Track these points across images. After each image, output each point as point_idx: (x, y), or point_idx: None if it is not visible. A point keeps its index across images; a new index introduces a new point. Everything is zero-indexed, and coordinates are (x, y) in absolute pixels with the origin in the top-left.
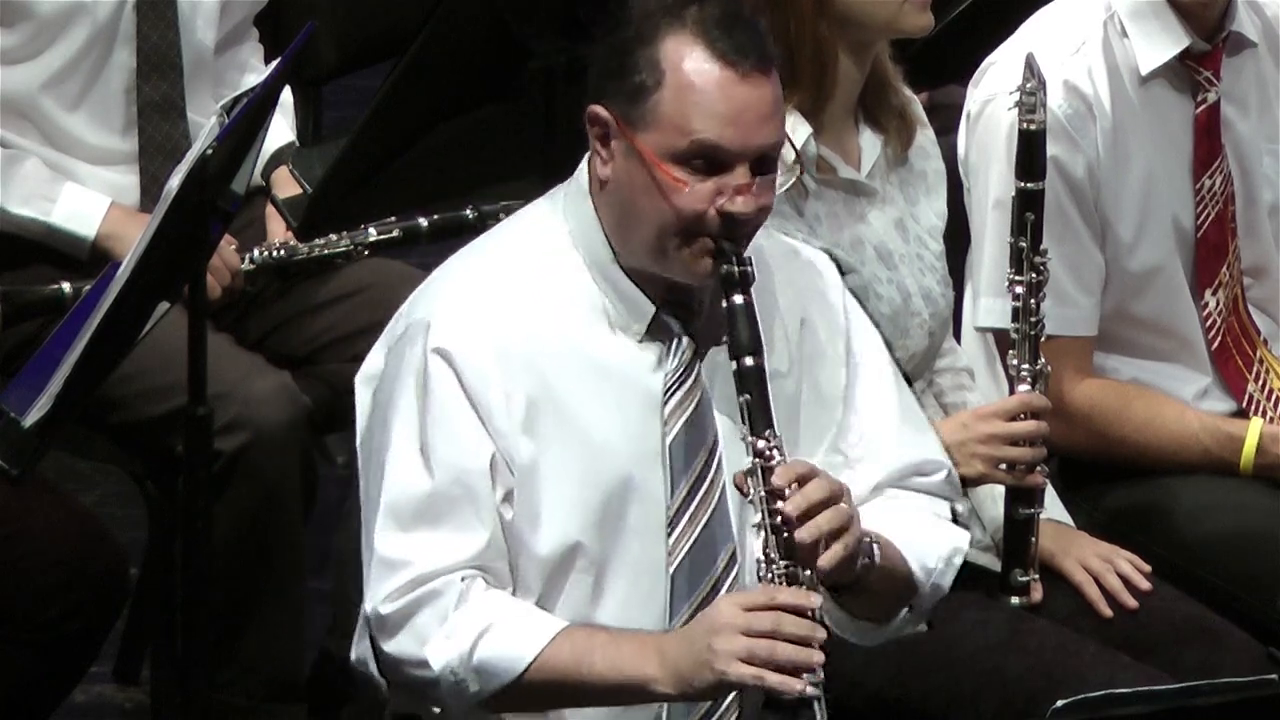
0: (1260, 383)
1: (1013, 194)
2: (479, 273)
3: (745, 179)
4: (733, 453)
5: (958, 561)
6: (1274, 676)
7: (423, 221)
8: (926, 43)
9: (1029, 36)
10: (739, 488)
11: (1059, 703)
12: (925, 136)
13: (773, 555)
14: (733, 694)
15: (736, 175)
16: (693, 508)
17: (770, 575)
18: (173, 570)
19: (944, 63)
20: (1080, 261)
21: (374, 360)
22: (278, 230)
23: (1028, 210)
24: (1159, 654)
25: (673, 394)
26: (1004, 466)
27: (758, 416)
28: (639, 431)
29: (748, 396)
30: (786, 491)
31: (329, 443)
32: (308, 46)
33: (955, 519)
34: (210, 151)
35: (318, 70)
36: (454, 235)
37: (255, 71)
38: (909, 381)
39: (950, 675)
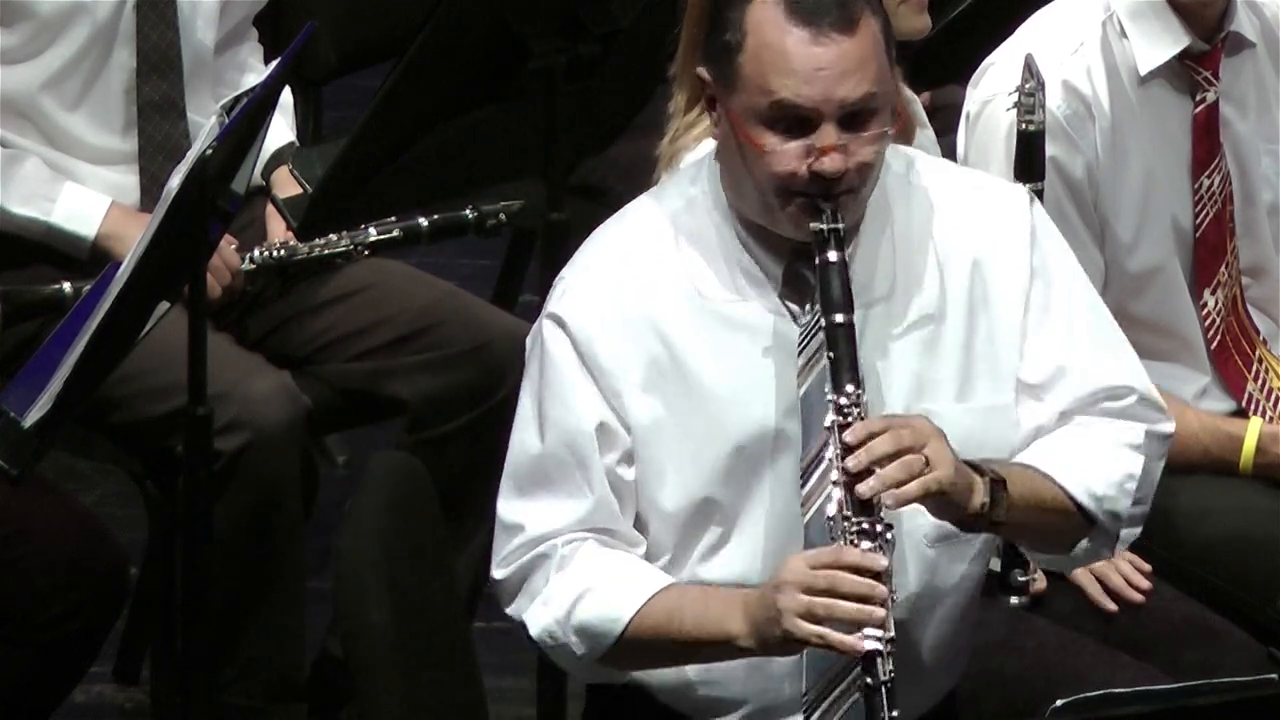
0: (1260, 382)
1: None
2: (615, 236)
3: (832, 138)
4: (877, 405)
5: (1130, 487)
6: (1274, 676)
7: (423, 221)
8: (926, 44)
9: (1028, 37)
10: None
11: (1059, 702)
12: (925, 137)
13: (847, 512)
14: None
15: (823, 134)
16: (827, 459)
17: (844, 532)
18: (173, 570)
19: (944, 64)
20: (1080, 261)
21: (536, 325)
22: (278, 230)
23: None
24: (1159, 654)
25: (806, 344)
26: None
27: (842, 373)
28: (776, 384)
29: (832, 354)
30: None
31: (329, 443)
32: (308, 46)
33: (1152, 439)
34: (210, 151)
35: (318, 70)
36: (454, 235)
37: (255, 71)
38: None
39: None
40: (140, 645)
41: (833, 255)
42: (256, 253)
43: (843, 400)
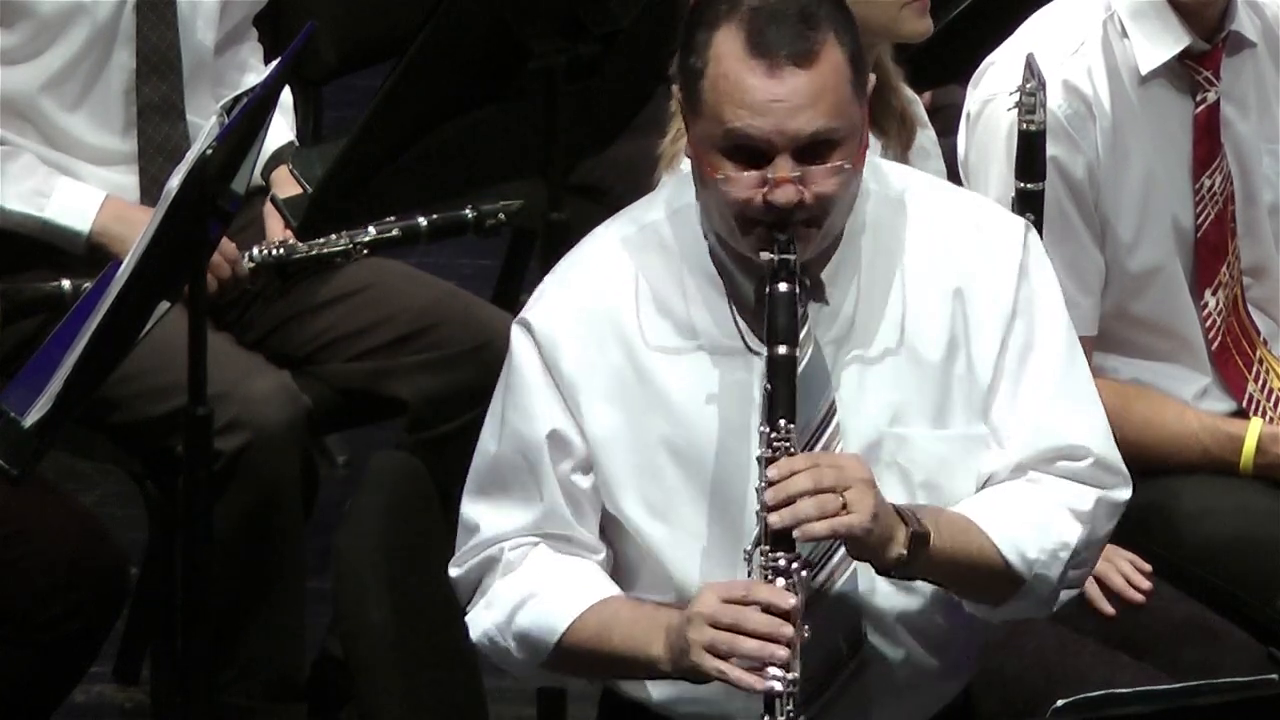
0: (1260, 383)
1: (1012, 194)
2: (596, 243)
3: (785, 169)
4: (853, 430)
5: (1064, 556)
6: (1274, 676)
7: (422, 221)
8: (927, 44)
9: (1029, 37)
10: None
11: (1059, 703)
12: (926, 137)
13: (764, 546)
14: (847, 671)
15: (778, 166)
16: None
17: (759, 567)
18: (173, 570)
19: (944, 63)
20: (1080, 262)
21: None
22: (276, 229)
23: (1027, 211)
24: (1158, 653)
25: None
26: None
27: (778, 406)
28: (739, 405)
29: (769, 386)
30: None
31: (329, 443)
32: (308, 46)
33: (1103, 505)
34: (210, 151)
35: (318, 70)
36: (454, 235)
37: (255, 71)
38: None
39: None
40: (140, 645)
41: (783, 287)
42: (256, 251)
43: (773, 434)
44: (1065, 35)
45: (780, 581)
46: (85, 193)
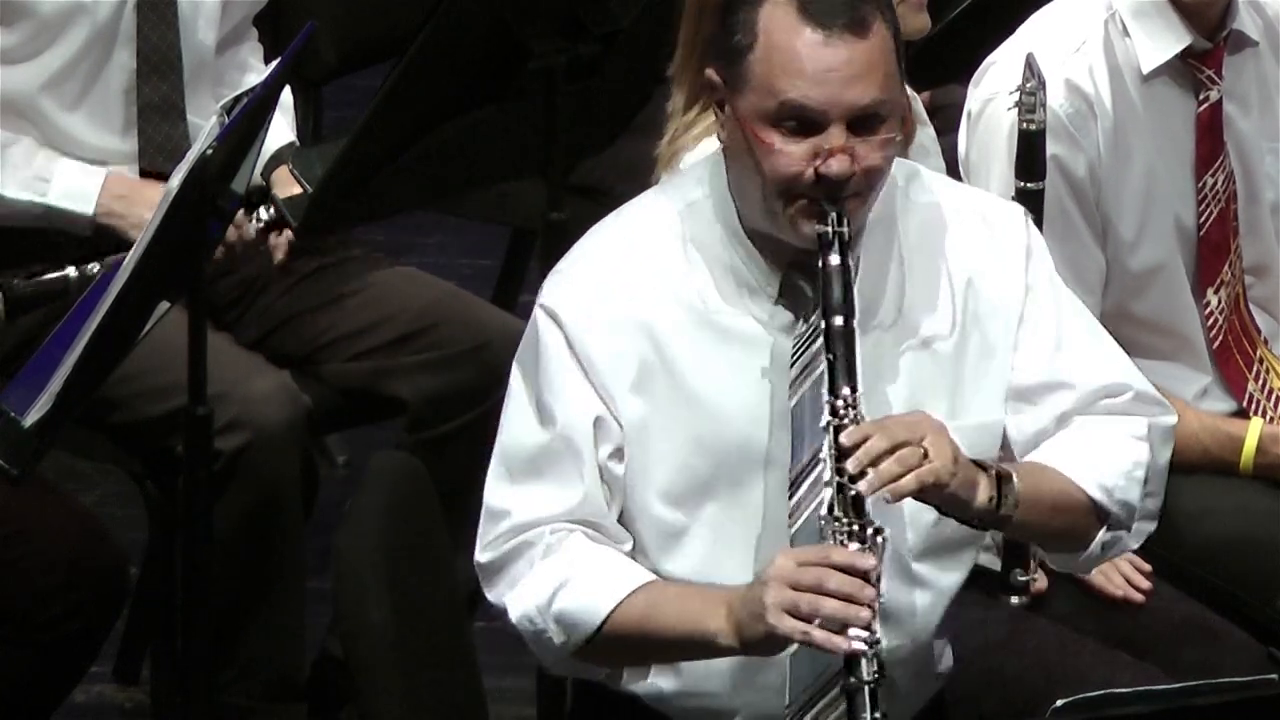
0: (1261, 382)
1: (1013, 193)
2: (611, 234)
3: (839, 140)
4: (873, 414)
5: (1140, 474)
6: (1274, 676)
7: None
8: (926, 43)
9: (1030, 36)
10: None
11: (1059, 702)
12: (925, 135)
13: (836, 512)
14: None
15: (830, 136)
16: (817, 472)
17: (832, 532)
18: (173, 570)
19: (944, 63)
20: (1081, 260)
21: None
22: (285, 182)
23: (1028, 210)
24: (1159, 653)
25: (799, 356)
26: None
27: (839, 375)
28: (765, 393)
29: (831, 356)
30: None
31: (329, 443)
32: (308, 46)
33: (1156, 431)
34: (210, 151)
35: (318, 70)
36: None
37: (255, 71)
38: None
39: (950, 675)
40: (140, 645)
41: (834, 259)
42: (262, 211)
43: (839, 402)
44: (1066, 34)
45: (854, 546)
46: (86, 173)
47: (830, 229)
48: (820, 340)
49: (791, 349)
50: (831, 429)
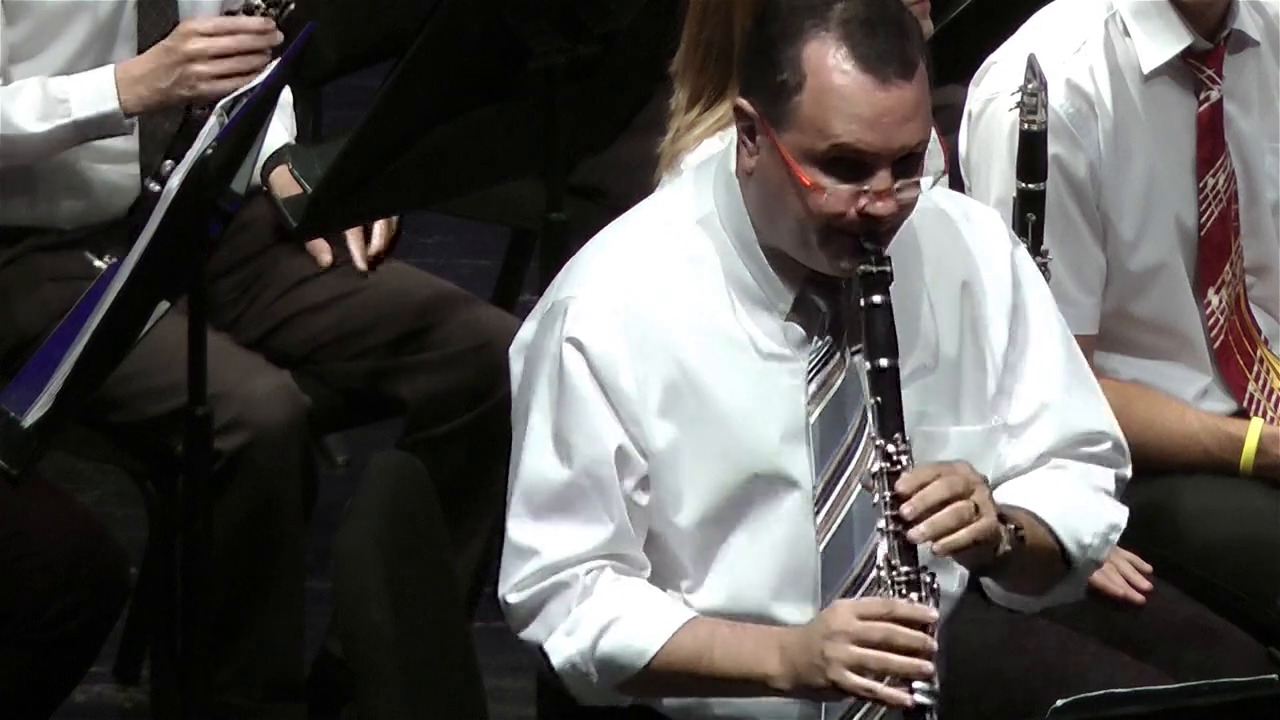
0: (1261, 383)
1: (1014, 194)
2: (622, 253)
3: (887, 183)
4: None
5: (1114, 538)
6: (1274, 676)
7: None
8: (927, 43)
9: (1030, 36)
10: (865, 487)
11: (1059, 703)
12: None
13: (894, 561)
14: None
15: (878, 179)
16: (840, 485)
17: (890, 582)
18: (173, 570)
19: (944, 63)
20: (1081, 261)
21: (526, 330)
22: None
23: (1029, 210)
24: (1159, 654)
25: (816, 372)
26: None
27: (888, 419)
28: (784, 410)
29: (878, 400)
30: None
31: (329, 443)
32: (308, 46)
33: (1119, 484)
34: (210, 151)
35: (318, 70)
36: None
37: None
38: None
39: (950, 675)
40: (140, 645)
41: (878, 298)
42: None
43: (890, 447)
44: (1067, 34)
45: (913, 595)
46: (95, 76)
47: (874, 269)
48: (837, 356)
49: (807, 365)
50: (885, 475)
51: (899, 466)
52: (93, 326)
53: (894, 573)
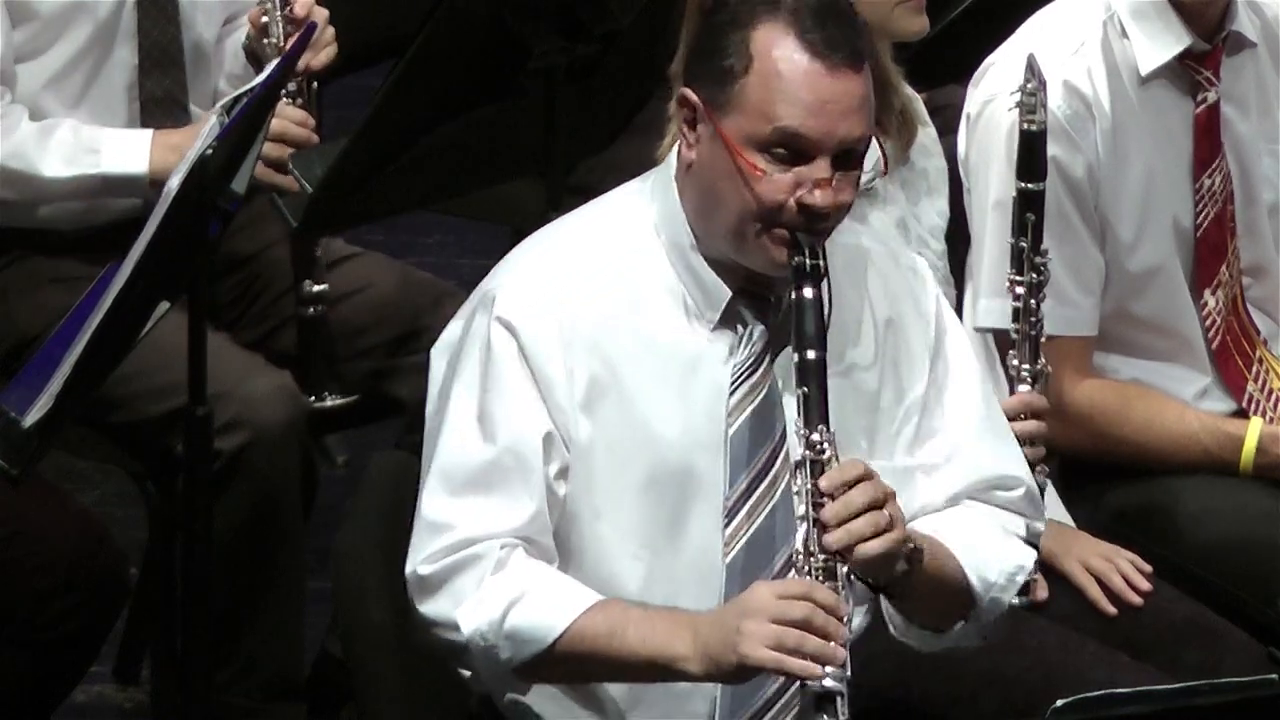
0: (1260, 383)
1: (1013, 194)
2: (554, 249)
3: (826, 172)
4: (796, 448)
5: (1020, 579)
6: (1274, 676)
7: None
8: (926, 43)
9: (1029, 37)
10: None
11: (1059, 703)
12: (927, 135)
13: (813, 549)
14: (793, 689)
15: (817, 168)
16: (752, 501)
17: (808, 568)
18: (173, 570)
19: (944, 63)
20: (1080, 262)
21: (451, 330)
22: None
23: (1028, 211)
24: (1159, 654)
25: (739, 385)
26: None
27: (813, 410)
28: (702, 421)
29: (805, 390)
30: (834, 494)
31: (329, 443)
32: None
33: (1031, 535)
34: (210, 151)
35: (318, 70)
36: None
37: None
38: None
39: (950, 675)
40: (140, 645)
41: (809, 291)
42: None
43: (815, 436)
44: (1065, 35)
45: (828, 584)
46: (132, 136)
47: (807, 261)
48: (761, 370)
49: (730, 377)
50: (808, 463)
51: (822, 456)
52: (93, 327)
53: (812, 559)
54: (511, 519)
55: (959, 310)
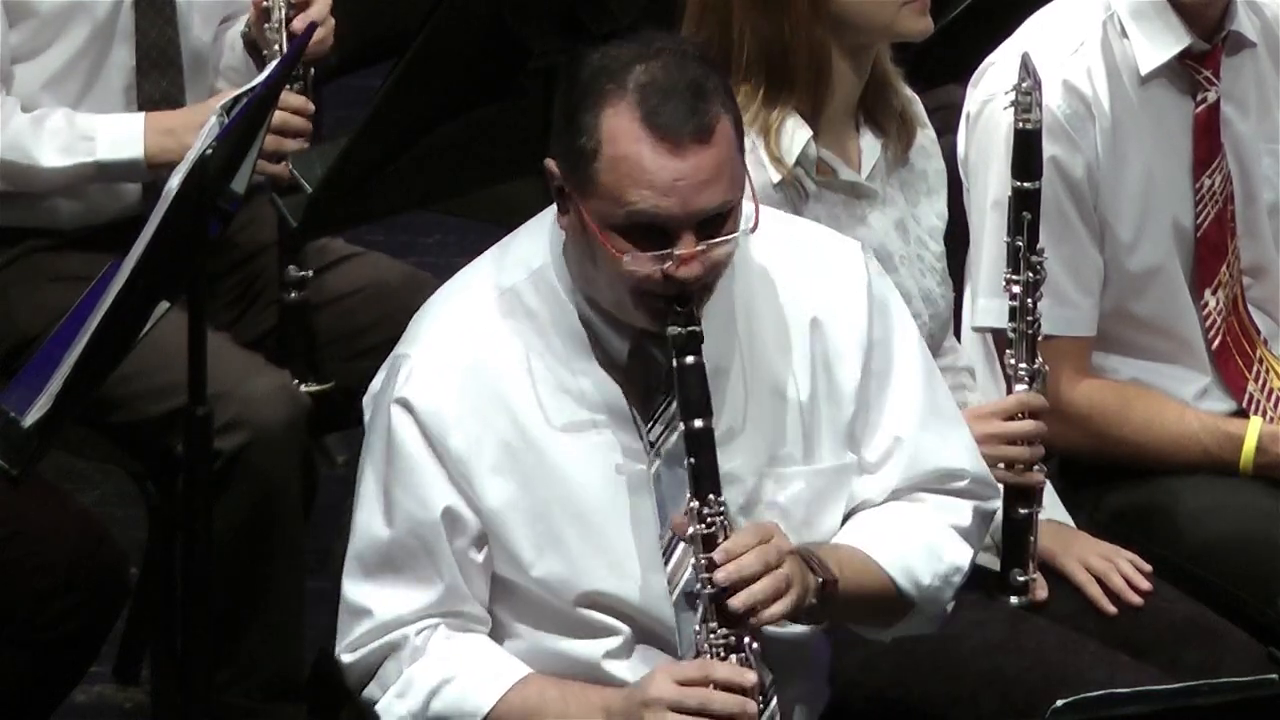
0: (1260, 382)
1: (1008, 193)
2: (459, 310)
3: (690, 246)
4: (733, 473)
5: (958, 580)
6: (1274, 676)
7: None
8: (927, 44)
9: (1028, 37)
10: (678, 532)
11: (1059, 703)
12: (926, 136)
13: (712, 624)
14: None
15: (682, 243)
16: (690, 565)
17: (707, 645)
18: (173, 570)
19: (943, 63)
20: (1079, 262)
21: (376, 379)
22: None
23: (1024, 209)
24: (1159, 654)
25: (655, 422)
26: (1002, 466)
27: (703, 480)
28: (626, 463)
29: (692, 460)
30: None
31: (329, 443)
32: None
33: (979, 517)
34: (210, 151)
35: (318, 70)
36: None
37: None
38: None
39: (950, 675)
40: (140, 645)
41: (690, 359)
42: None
43: (705, 510)
44: (1065, 35)
45: (733, 658)
46: (127, 119)
47: (684, 329)
48: (670, 413)
49: (650, 416)
50: (699, 539)
51: (713, 528)
52: (93, 326)
53: (712, 636)
54: (422, 599)
55: (959, 311)
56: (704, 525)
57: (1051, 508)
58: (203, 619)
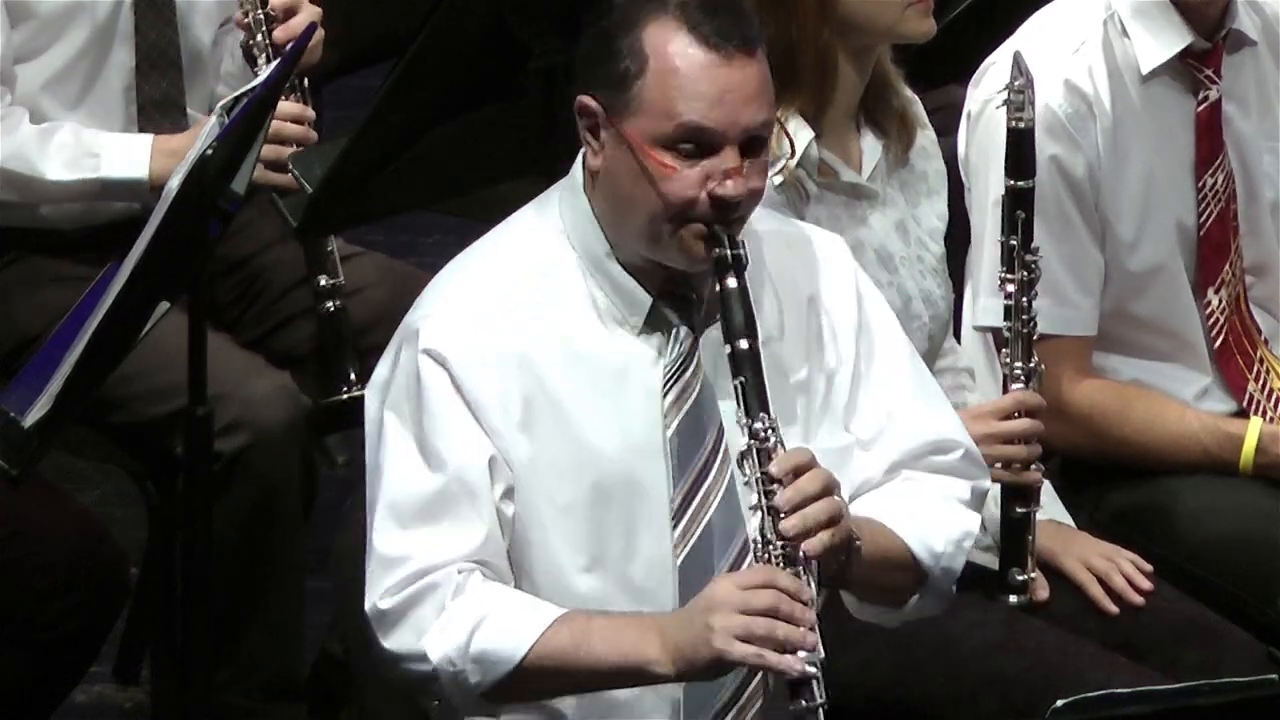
0: (1261, 383)
1: (1001, 193)
2: (472, 274)
3: (734, 161)
4: (738, 439)
5: (968, 545)
6: (1274, 676)
7: None
8: (927, 44)
9: (1029, 36)
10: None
11: (1058, 703)
12: (926, 137)
13: (769, 536)
14: (755, 680)
15: (725, 158)
16: (698, 498)
17: (767, 556)
18: (173, 570)
19: (944, 63)
20: (1080, 261)
21: (380, 369)
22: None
23: (1018, 208)
24: (1159, 654)
25: (672, 386)
26: (999, 465)
27: (753, 399)
28: (640, 426)
29: (743, 379)
30: (784, 480)
31: (329, 443)
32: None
33: (976, 496)
34: (210, 151)
35: (318, 70)
36: None
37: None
38: None
39: (949, 675)
40: (140, 645)
41: (733, 282)
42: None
43: (757, 425)
44: (1066, 34)
45: (789, 570)
46: (132, 141)
47: (728, 251)
48: (692, 367)
49: (663, 379)
50: (754, 452)
51: (768, 444)
52: (93, 327)
53: (770, 547)
54: (464, 544)
55: (959, 311)
56: (756, 441)
57: (1051, 507)
58: (203, 619)
